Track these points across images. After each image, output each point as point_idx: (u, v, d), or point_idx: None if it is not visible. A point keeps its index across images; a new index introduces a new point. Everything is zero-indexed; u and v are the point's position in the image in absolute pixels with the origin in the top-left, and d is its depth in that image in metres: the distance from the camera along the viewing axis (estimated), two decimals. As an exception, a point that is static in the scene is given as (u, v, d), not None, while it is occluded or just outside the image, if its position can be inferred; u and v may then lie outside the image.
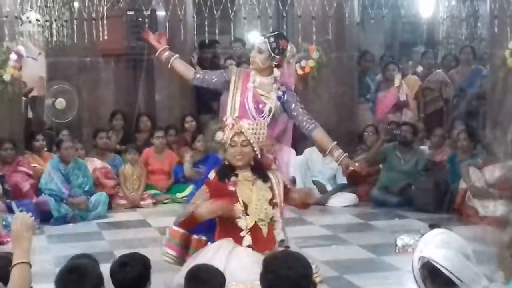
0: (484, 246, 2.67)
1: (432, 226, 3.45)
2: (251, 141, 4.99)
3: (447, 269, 3.02)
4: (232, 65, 10.80)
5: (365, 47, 12.63)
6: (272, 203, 5.03)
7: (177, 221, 5.38)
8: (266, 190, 5.03)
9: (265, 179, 5.04)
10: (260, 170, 5.05)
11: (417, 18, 13.21)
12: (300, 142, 8.85)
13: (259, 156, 5.05)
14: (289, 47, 5.68)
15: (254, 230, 4.93)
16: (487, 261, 2.72)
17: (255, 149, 5.00)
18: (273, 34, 5.70)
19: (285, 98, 5.63)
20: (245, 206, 4.93)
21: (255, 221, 4.93)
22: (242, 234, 4.89)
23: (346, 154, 5.57)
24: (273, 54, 5.55)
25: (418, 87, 10.98)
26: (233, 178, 4.97)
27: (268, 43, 5.55)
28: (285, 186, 5.16)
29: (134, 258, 4.07)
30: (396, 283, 6.07)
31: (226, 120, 5.12)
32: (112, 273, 4.00)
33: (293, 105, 5.66)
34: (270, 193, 5.03)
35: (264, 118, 5.54)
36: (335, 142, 5.62)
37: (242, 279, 4.17)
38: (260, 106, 5.56)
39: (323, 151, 5.82)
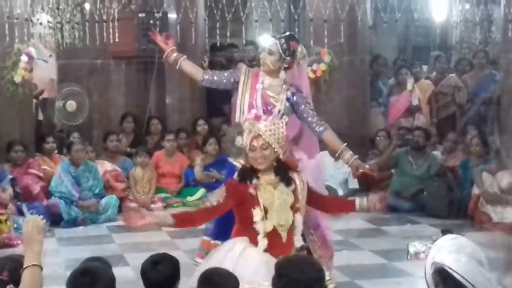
0: (497, 252, 2.63)
1: (445, 232, 3.41)
2: (271, 143, 4.88)
3: (460, 275, 2.98)
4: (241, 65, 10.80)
5: (378, 51, 12.59)
6: (294, 208, 4.93)
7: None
8: (289, 194, 4.92)
9: (289, 181, 4.94)
10: (283, 172, 4.94)
11: (430, 22, 13.16)
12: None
13: (282, 157, 4.93)
14: (299, 49, 5.64)
15: (273, 235, 4.83)
16: (501, 267, 2.69)
17: (275, 150, 4.89)
18: (283, 35, 5.66)
19: (294, 99, 5.57)
20: (266, 210, 4.85)
21: (274, 226, 4.86)
22: (258, 238, 4.83)
23: (357, 156, 5.50)
24: (283, 56, 5.51)
25: (431, 91, 10.92)
26: (254, 181, 4.88)
27: (279, 44, 5.51)
28: (309, 189, 5.05)
29: (165, 258, 4.16)
30: (408, 289, 6.03)
31: (244, 124, 5.02)
32: (144, 271, 4.08)
33: (302, 106, 5.60)
34: (292, 198, 4.93)
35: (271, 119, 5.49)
36: (345, 144, 5.56)
37: (249, 279, 4.11)
38: (269, 107, 5.52)
39: (333, 153, 5.77)
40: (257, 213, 4.78)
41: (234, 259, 4.60)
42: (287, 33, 5.83)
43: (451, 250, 3.08)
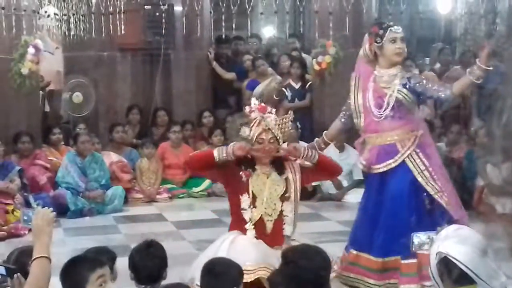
0: (501, 243, 2.66)
1: (449, 222, 3.44)
2: (278, 138, 4.98)
3: (464, 265, 3.00)
4: (249, 60, 10.82)
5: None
6: (284, 197, 5.01)
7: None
8: (280, 184, 5.01)
9: (282, 171, 5.03)
10: (278, 161, 5.03)
11: (435, 14, 13.15)
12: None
13: (281, 151, 5.02)
14: None
15: (260, 225, 4.92)
16: (505, 257, 2.72)
17: (280, 144, 5.00)
18: (386, 22, 5.52)
19: (411, 83, 5.35)
20: (254, 198, 4.92)
21: (261, 215, 4.93)
22: (246, 226, 4.89)
23: None
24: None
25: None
26: (249, 170, 4.97)
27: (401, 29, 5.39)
28: (301, 168, 5.11)
29: (155, 243, 4.20)
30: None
31: (251, 113, 5.03)
32: (136, 253, 4.11)
33: (420, 86, 5.34)
34: (283, 187, 5.00)
35: (383, 111, 5.33)
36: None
37: (240, 262, 4.19)
38: (384, 98, 5.33)
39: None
40: (244, 200, 4.88)
41: (225, 250, 4.67)
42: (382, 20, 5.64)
43: (455, 240, 3.11)
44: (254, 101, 5.13)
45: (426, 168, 5.29)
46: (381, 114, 5.31)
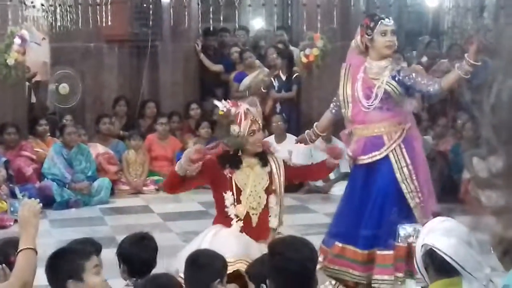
0: (486, 235, 2.66)
1: (435, 215, 3.45)
2: (261, 125, 5.04)
3: (450, 257, 3.02)
4: (236, 52, 10.81)
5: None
6: (269, 190, 5.00)
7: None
8: (264, 176, 5.01)
9: (265, 163, 5.02)
10: (261, 153, 5.03)
11: (422, 7, 13.16)
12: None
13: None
14: None
15: (245, 219, 4.92)
16: (490, 250, 2.72)
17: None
18: (376, 14, 5.49)
19: (401, 75, 5.31)
20: (239, 192, 4.91)
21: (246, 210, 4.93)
22: (232, 222, 4.88)
23: None
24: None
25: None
26: (231, 169, 4.94)
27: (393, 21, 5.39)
28: (285, 164, 5.13)
29: (148, 235, 4.21)
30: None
31: (230, 111, 4.98)
32: (130, 245, 4.09)
33: (409, 79, 5.31)
34: (267, 180, 5.00)
35: (372, 103, 5.30)
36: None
37: (222, 254, 4.19)
38: (372, 90, 5.30)
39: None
40: (228, 197, 4.87)
41: (208, 242, 4.67)
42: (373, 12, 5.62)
43: (441, 232, 3.12)
44: (220, 104, 5.03)
45: (407, 165, 5.29)
46: (369, 105, 5.30)
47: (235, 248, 4.61)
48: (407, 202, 5.27)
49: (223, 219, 4.93)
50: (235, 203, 4.88)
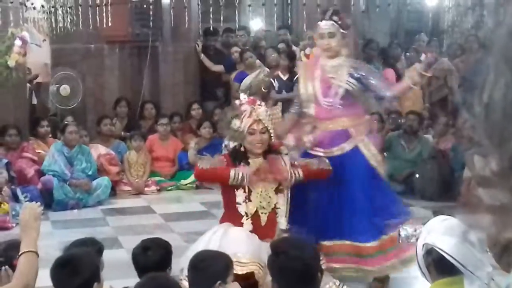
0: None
1: (436, 213, 3.46)
2: (269, 128, 4.99)
3: (451, 256, 3.02)
4: (236, 52, 10.81)
5: (370, 35, 12.59)
6: (278, 190, 5.02)
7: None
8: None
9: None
10: (270, 154, 5.04)
11: (422, 6, 13.17)
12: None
13: (273, 140, 5.05)
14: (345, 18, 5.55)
15: (254, 218, 4.93)
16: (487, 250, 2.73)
17: (271, 135, 5.01)
18: (330, 13, 5.46)
19: (358, 73, 5.41)
20: (249, 192, 4.93)
21: (256, 208, 4.94)
22: (242, 220, 4.90)
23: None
24: (342, 32, 5.43)
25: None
26: (242, 164, 4.96)
27: (335, 24, 5.41)
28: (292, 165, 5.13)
29: (156, 243, 4.18)
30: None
31: (241, 106, 5.03)
32: (134, 256, 4.11)
33: (366, 78, 5.43)
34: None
35: (333, 100, 5.37)
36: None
37: (232, 252, 4.20)
38: (332, 89, 5.39)
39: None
40: (239, 194, 4.89)
41: (217, 241, 4.68)
42: (331, 9, 5.59)
43: (442, 231, 3.13)
44: (243, 95, 5.13)
45: (378, 153, 5.44)
46: (330, 103, 5.36)
47: (245, 247, 4.62)
48: (386, 184, 5.46)
49: (232, 217, 4.94)
50: (247, 200, 4.90)
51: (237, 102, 5.07)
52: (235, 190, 4.92)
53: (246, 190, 4.91)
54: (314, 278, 3.36)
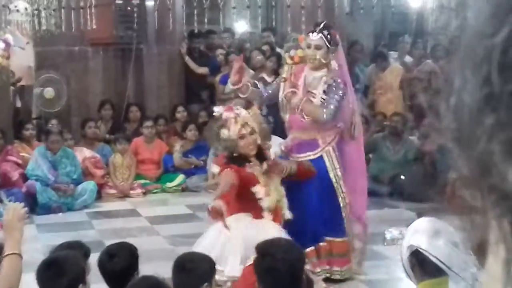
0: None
1: (421, 215, 3.46)
2: (256, 129, 5.07)
3: (435, 257, 3.02)
4: (221, 55, 10.80)
5: (355, 37, 12.61)
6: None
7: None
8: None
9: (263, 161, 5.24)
10: (262, 156, 5.16)
11: (406, 8, 13.20)
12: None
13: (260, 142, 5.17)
14: (337, 36, 5.68)
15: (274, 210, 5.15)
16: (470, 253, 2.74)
17: (258, 135, 5.11)
18: (321, 27, 5.63)
19: (330, 91, 5.57)
20: (266, 186, 5.12)
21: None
22: (264, 214, 5.00)
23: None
24: (330, 47, 5.54)
25: (402, 76, 11.01)
26: (247, 164, 5.08)
27: (323, 37, 5.51)
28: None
29: (121, 249, 4.06)
30: (385, 272, 6.09)
31: (222, 115, 5.10)
32: (100, 264, 3.98)
33: (330, 95, 5.59)
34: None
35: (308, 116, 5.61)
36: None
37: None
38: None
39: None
40: (259, 190, 4.98)
41: (243, 228, 4.84)
42: (323, 23, 5.81)
43: (426, 233, 3.13)
44: (216, 108, 5.28)
45: (340, 167, 5.61)
46: (303, 118, 5.59)
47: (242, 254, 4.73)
48: (338, 201, 5.60)
49: (248, 208, 5.00)
50: (266, 195, 5.03)
51: (216, 113, 5.16)
52: (252, 187, 5.03)
53: (264, 185, 5.02)
54: (299, 280, 3.36)
